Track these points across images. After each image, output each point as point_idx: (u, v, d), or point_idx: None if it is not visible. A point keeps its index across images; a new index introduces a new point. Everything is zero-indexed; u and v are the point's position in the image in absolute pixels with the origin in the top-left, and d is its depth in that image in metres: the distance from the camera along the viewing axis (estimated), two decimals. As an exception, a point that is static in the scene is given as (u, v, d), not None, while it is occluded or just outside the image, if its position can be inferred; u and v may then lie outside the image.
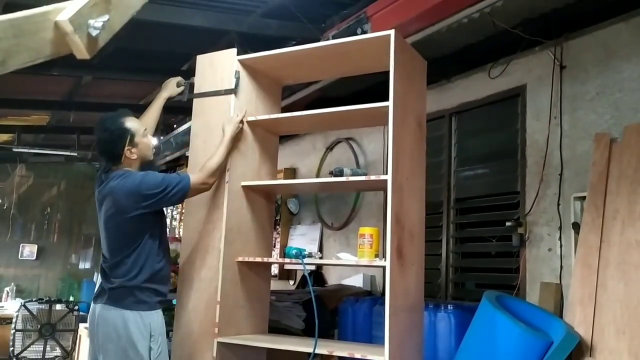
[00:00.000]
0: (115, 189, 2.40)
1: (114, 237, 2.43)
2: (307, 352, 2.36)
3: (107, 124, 2.48)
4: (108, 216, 2.43)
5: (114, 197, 2.40)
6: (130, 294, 2.36)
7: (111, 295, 2.37)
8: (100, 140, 2.48)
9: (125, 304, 2.34)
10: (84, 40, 1.30)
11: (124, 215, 2.38)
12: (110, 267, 2.42)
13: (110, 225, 2.43)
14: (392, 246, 2.21)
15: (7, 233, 8.50)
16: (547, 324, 2.65)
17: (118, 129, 2.46)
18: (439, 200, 3.82)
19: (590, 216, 2.76)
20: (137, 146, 2.49)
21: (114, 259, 2.41)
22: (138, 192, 2.36)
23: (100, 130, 2.47)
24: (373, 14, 2.99)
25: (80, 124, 6.17)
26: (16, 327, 4.66)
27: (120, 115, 2.52)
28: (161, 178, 2.43)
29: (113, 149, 2.46)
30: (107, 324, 2.34)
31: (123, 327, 2.31)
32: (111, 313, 2.34)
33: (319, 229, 4.91)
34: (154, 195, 2.37)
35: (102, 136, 2.47)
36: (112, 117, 2.51)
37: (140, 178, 2.40)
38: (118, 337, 2.30)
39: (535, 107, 3.27)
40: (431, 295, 3.62)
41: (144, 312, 2.36)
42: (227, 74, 2.73)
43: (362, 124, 3.35)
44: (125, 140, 2.45)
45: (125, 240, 2.40)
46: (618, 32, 2.93)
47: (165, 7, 3.11)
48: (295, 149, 5.34)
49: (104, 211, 2.45)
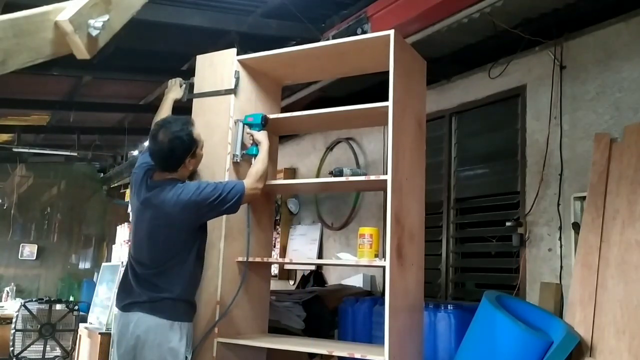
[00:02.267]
0: (169, 202, 2.30)
1: (161, 247, 2.35)
2: (307, 352, 2.36)
3: (178, 129, 2.35)
4: (156, 226, 2.35)
5: (168, 211, 2.31)
6: (174, 305, 2.32)
7: (154, 306, 2.31)
8: (168, 145, 2.33)
9: (169, 315, 2.30)
10: (84, 40, 1.30)
11: (177, 228, 2.32)
12: (153, 276, 2.35)
13: (158, 236, 2.35)
14: (392, 246, 2.22)
15: (7, 233, 8.50)
16: (547, 324, 2.65)
17: (190, 138, 2.37)
18: (439, 200, 3.82)
19: (590, 216, 2.76)
20: (196, 158, 2.44)
21: (158, 269, 2.35)
22: (196, 203, 2.29)
23: (170, 134, 2.33)
24: (373, 14, 2.98)
25: (80, 124, 6.17)
26: (16, 327, 4.65)
27: (189, 121, 2.43)
28: (214, 186, 2.34)
29: (178, 157, 2.36)
30: (147, 331, 2.28)
31: (165, 336, 2.27)
32: (152, 321, 2.29)
33: (319, 229, 4.91)
34: (211, 204, 2.30)
35: (171, 141, 2.33)
36: (182, 122, 2.39)
37: (194, 189, 2.31)
38: (158, 345, 2.26)
39: (535, 107, 3.27)
40: (431, 295, 3.61)
41: (183, 323, 2.33)
42: (227, 74, 2.73)
43: (362, 124, 3.35)
44: (191, 150, 2.39)
45: (173, 251, 2.35)
46: (618, 32, 2.93)
47: (165, 7, 3.11)
48: (295, 149, 5.34)
49: (150, 220, 2.36)
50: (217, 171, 2.65)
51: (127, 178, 7.16)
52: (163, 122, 2.42)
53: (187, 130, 2.37)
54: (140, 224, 2.41)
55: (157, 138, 2.36)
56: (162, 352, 2.26)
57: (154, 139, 2.37)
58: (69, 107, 5.42)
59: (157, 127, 2.39)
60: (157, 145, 2.36)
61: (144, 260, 2.39)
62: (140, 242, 2.41)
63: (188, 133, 2.37)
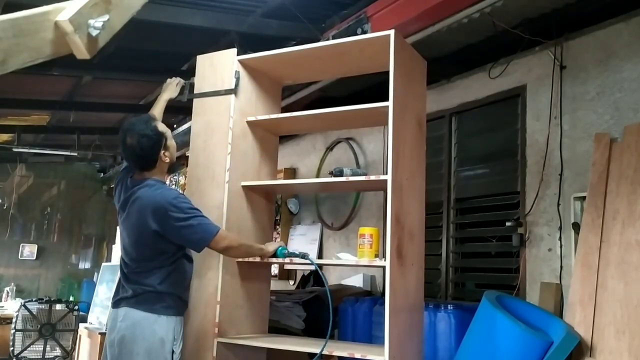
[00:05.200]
0: (145, 199, 2.33)
1: (138, 248, 2.38)
2: (307, 352, 2.36)
3: (142, 128, 2.38)
4: (132, 224, 2.37)
5: (141, 208, 2.33)
6: (158, 299, 2.33)
7: (138, 299, 2.33)
8: (138, 146, 2.36)
9: (153, 308, 2.32)
10: (84, 40, 1.30)
11: (148, 228, 2.32)
12: (136, 274, 2.37)
13: (135, 236, 2.38)
14: (392, 246, 2.22)
15: (7, 233, 8.50)
16: (547, 324, 2.65)
17: (156, 133, 2.40)
18: (439, 200, 3.82)
19: (590, 216, 2.76)
20: (169, 149, 2.46)
21: (139, 268, 2.37)
22: (165, 210, 2.28)
23: (136, 135, 2.36)
24: (373, 14, 2.99)
25: (80, 124, 6.17)
26: (16, 327, 4.65)
27: (150, 119, 2.46)
28: (192, 207, 2.33)
29: (151, 154, 2.39)
30: (133, 325, 2.30)
31: (150, 329, 2.29)
32: (138, 314, 2.31)
33: (319, 229, 4.91)
34: (177, 220, 2.27)
35: (139, 141, 2.36)
36: (144, 121, 2.42)
37: (173, 196, 2.32)
38: (143, 338, 2.28)
39: (535, 107, 3.27)
40: (431, 295, 3.61)
41: (170, 317, 2.34)
42: (227, 74, 2.73)
43: (362, 124, 3.35)
44: (161, 144, 2.41)
45: (150, 252, 2.36)
46: (618, 32, 2.93)
47: (165, 7, 3.11)
48: (295, 149, 5.34)
49: (130, 217, 2.38)
50: (217, 171, 2.66)
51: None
52: (127, 125, 2.44)
53: (152, 126, 2.41)
54: (123, 222, 2.45)
55: (125, 142, 2.40)
56: (149, 344, 2.28)
57: (123, 144, 2.41)
58: (69, 107, 5.42)
59: (122, 132, 2.42)
60: (128, 149, 2.40)
61: (129, 257, 2.42)
62: (124, 240, 2.45)
63: (153, 129, 2.40)
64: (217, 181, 2.64)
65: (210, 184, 2.65)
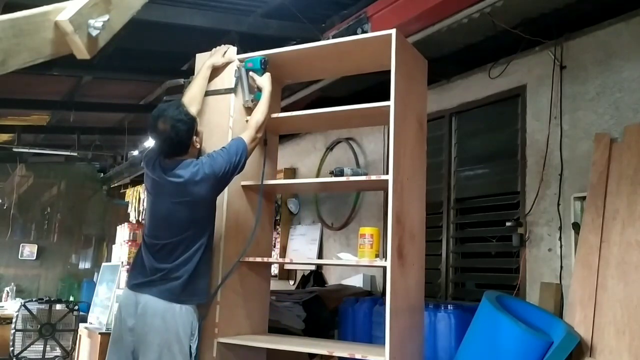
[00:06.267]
0: (189, 179, 2.32)
1: (180, 225, 2.36)
2: (307, 352, 2.36)
3: (175, 113, 2.35)
4: (175, 204, 2.35)
5: (188, 187, 2.32)
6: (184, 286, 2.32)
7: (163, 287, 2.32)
8: (173, 131, 2.32)
9: (178, 297, 2.31)
10: (84, 40, 1.30)
11: (201, 202, 2.35)
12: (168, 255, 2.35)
13: (177, 214, 2.36)
14: (393, 246, 2.21)
15: (7, 233, 8.50)
16: (547, 324, 2.65)
17: (189, 117, 2.39)
18: (439, 200, 3.82)
19: (590, 216, 2.76)
20: (199, 135, 2.48)
21: (173, 248, 2.35)
22: (214, 176, 2.32)
23: (170, 120, 2.32)
24: (373, 14, 2.99)
25: (80, 124, 6.17)
26: (16, 327, 4.65)
27: (180, 104, 2.45)
28: (222, 153, 2.38)
29: (187, 138, 2.37)
30: (154, 315, 2.29)
31: (172, 322, 2.28)
32: (162, 305, 2.29)
33: (319, 229, 4.91)
34: (226, 173, 2.34)
35: (174, 126, 2.32)
36: (175, 106, 2.40)
37: (209, 163, 2.34)
38: (165, 331, 2.27)
39: (535, 107, 3.27)
40: (431, 295, 3.61)
41: (190, 307, 2.34)
42: (227, 74, 2.73)
43: (363, 124, 3.35)
44: (195, 128, 2.42)
45: (191, 230, 2.36)
46: (618, 32, 2.93)
47: (165, 7, 3.11)
48: (295, 149, 5.34)
49: (169, 198, 2.36)
50: (217, 171, 2.65)
51: (127, 178, 7.17)
52: (157, 112, 2.40)
53: (184, 111, 2.39)
54: (158, 204, 2.42)
55: (158, 128, 2.35)
56: (168, 337, 2.27)
57: (155, 131, 2.36)
58: (69, 107, 5.42)
59: (153, 119, 2.38)
60: (162, 135, 2.35)
61: (160, 240, 2.39)
62: (157, 222, 2.42)
63: (186, 113, 2.39)
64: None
65: (210, 184, 2.64)
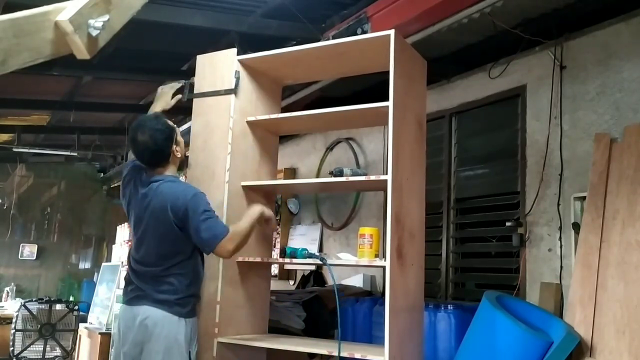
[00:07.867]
0: (167, 195, 2.32)
1: (158, 245, 2.35)
2: (307, 352, 2.36)
3: (153, 124, 2.39)
4: (156, 219, 2.34)
5: (164, 202, 2.31)
6: (180, 303, 2.33)
7: (158, 299, 2.32)
8: (151, 140, 2.36)
9: (176, 311, 2.31)
10: (84, 40, 1.30)
11: (169, 223, 2.31)
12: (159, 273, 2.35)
13: (159, 231, 2.35)
14: (392, 246, 2.22)
15: (7, 233, 8.50)
16: (547, 324, 2.65)
17: (167, 127, 2.41)
18: (439, 200, 3.82)
19: (590, 216, 2.76)
20: (179, 145, 2.49)
21: (163, 265, 2.34)
22: (186, 204, 2.28)
23: (148, 131, 2.36)
24: (373, 14, 2.99)
25: (80, 124, 6.17)
26: (16, 327, 4.65)
27: (158, 115, 2.50)
28: (209, 207, 2.33)
29: (165, 147, 2.40)
30: (155, 324, 2.29)
31: (172, 329, 2.29)
32: (161, 314, 2.30)
33: (319, 229, 4.91)
34: (195, 214, 2.27)
35: (152, 136, 2.36)
36: (153, 117, 2.45)
37: (193, 192, 2.32)
38: (165, 337, 2.28)
39: (535, 107, 3.27)
40: (431, 295, 3.61)
41: (189, 319, 2.35)
42: (227, 74, 2.73)
43: (362, 124, 3.35)
44: (173, 138, 2.44)
45: (170, 250, 2.35)
46: (618, 32, 2.93)
47: (165, 7, 3.11)
48: (295, 149, 5.34)
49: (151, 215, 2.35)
50: (217, 171, 2.66)
51: (127, 178, 7.15)
52: (136, 124, 2.43)
53: (162, 120, 2.43)
54: (141, 221, 2.40)
55: (137, 139, 2.39)
56: (168, 343, 2.28)
57: (135, 142, 2.40)
58: (69, 107, 5.43)
59: (132, 130, 2.41)
60: (141, 146, 2.39)
61: (148, 258, 2.38)
62: (142, 240, 2.40)
63: (164, 123, 2.42)
64: (217, 181, 2.64)
65: (210, 184, 2.65)
